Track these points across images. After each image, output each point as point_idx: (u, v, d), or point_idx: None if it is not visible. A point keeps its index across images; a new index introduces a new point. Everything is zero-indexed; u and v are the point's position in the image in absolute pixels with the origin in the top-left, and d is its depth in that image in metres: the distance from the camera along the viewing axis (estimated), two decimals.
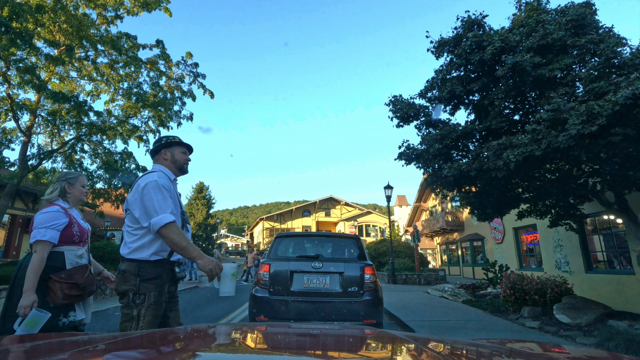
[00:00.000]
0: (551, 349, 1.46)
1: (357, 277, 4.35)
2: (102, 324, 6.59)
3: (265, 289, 4.37)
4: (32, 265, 2.04)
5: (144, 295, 1.91)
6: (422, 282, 15.79)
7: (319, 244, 5.21)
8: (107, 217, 22.93)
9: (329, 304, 4.24)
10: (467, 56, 5.21)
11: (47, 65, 8.63)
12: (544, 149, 4.05)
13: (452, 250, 25.30)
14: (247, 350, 1.14)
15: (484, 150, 4.89)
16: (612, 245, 7.49)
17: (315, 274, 4.39)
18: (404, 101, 6.26)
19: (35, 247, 2.10)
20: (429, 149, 5.64)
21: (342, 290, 4.32)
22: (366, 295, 4.29)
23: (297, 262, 4.51)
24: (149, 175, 2.05)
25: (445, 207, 26.11)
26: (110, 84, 10.57)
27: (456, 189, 6.50)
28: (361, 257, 4.74)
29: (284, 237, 5.10)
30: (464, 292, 8.95)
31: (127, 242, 2.03)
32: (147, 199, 1.94)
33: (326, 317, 4.20)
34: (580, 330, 5.08)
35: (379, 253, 20.62)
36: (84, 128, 8.95)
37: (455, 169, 5.20)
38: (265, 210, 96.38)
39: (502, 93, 4.97)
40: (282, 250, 4.91)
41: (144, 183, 1.99)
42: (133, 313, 1.90)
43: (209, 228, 38.83)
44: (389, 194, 17.13)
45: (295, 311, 4.23)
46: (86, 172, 9.66)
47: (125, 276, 1.94)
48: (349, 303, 4.24)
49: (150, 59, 10.85)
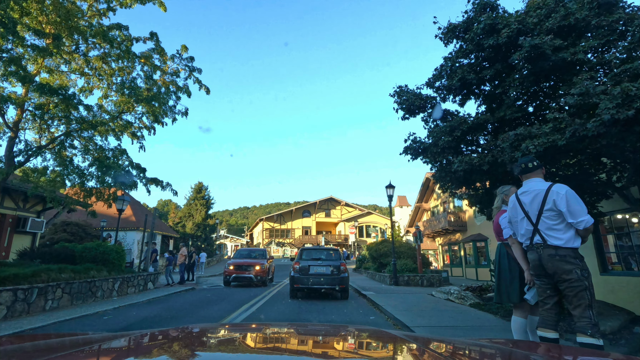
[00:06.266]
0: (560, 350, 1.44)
1: (338, 267, 9.85)
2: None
3: (298, 272, 9.89)
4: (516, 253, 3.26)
5: (587, 270, 2.77)
6: (425, 284, 15.37)
7: (321, 251, 10.89)
8: (103, 217, 22.51)
9: (325, 277, 9.74)
10: (479, 41, 4.81)
11: (35, 57, 8.24)
12: (568, 138, 3.66)
13: (454, 251, 24.89)
14: (248, 350, 1.15)
15: (498, 143, 4.49)
16: (630, 245, 7.09)
17: (320, 266, 9.93)
18: (409, 91, 5.87)
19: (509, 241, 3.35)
20: (437, 142, 5.25)
21: (331, 273, 9.79)
22: (341, 274, 9.80)
23: (311, 261, 10.09)
24: (561, 185, 2.86)
25: (447, 208, 25.70)
26: (103, 79, 10.19)
27: (464, 186, 6.09)
28: (340, 258, 10.32)
29: (305, 249, 10.98)
30: (471, 295, 8.54)
31: (555, 236, 2.80)
32: (573, 203, 2.74)
33: (324, 283, 9.70)
34: (605, 339, 4.68)
35: (380, 254, 20.14)
36: (73, 123, 8.56)
37: (466, 163, 4.80)
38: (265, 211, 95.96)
39: (518, 80, 4.57)
40: (305, 254, 10.56)
41: (563, 191, 2.80)
42: (586, 283, 2.70)
43: (207, 229, 38.44)
44: (390, 193, 16.71)
45: (311, 281, 9.72)
46: (78, 170, 9.26)
47: (567, 259, 2.74)
48: (334, 278, 9.72)
49: (144, 53, 10.47)
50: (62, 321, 6.52)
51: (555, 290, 2.91)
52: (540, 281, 2.96)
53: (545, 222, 2.86)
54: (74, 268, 8.99)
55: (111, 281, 10.14)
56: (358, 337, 1.45)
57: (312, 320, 6.83)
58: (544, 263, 2.85)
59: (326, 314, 7.54)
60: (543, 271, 2.89)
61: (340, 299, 9.94)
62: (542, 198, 2.89)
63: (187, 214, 38.07)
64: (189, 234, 36.00)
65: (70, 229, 19.81)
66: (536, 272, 2.95)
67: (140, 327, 6.20)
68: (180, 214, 39.20)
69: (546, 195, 2.87)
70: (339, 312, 7.83)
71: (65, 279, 8.47)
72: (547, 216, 2.85)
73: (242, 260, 14.32)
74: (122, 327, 6.18)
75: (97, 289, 9.43)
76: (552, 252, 2.81)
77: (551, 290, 2.91)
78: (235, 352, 1.10)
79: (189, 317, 7.24)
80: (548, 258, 2.82)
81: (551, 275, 2.84)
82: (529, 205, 2.96)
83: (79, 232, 19.94)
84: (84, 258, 10.55)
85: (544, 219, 2.87)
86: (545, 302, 2.94)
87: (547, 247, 2.83)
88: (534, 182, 3.02)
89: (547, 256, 2.83)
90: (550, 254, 2.81)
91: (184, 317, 7.17)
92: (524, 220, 3.00)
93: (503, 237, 3.47)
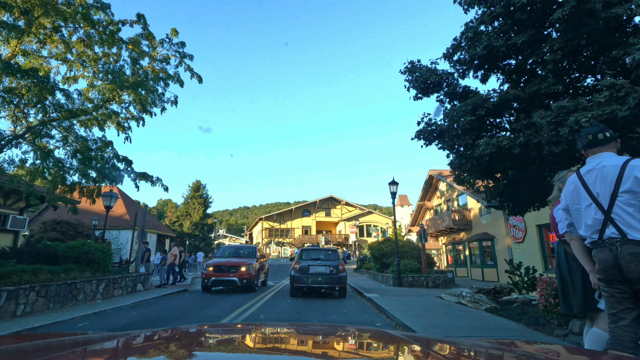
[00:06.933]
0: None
1: (336, 266, 10.22)
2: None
3: (298, 272, 10.20)
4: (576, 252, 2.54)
5: None
6: (430, 285, 14.65)
7: (320, 251, 11.29)
8: (95, 215, 21.71)
9: (324, 277, 10.07)
10: (509, 0, 4.08)
11: (7, 37, 7.51)
12: (633, 108, 2.93)
13: (459, 251, 24.14)
14: (248, 350, 1.15)
15: (534, 120, 3.74)
16: None
17: (319, 266, 10.27)
18: (423, 67, 5.12)
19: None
20: (457, 123, 4.50)
21: (330, 272, 10.15)
22: (340, 274, 10.15)
23: (310, 261, 10.43)
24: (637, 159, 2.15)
25: (452, 206, 24.95)
26: (88, 67, 9.45)
27: (485, 175, 5.35)
28: (338, 258, 10.63)
29: (304, 250, 11.35)
30: (486, 299, 7.80)
31: (638, 227, 2.06)
32: None
33: (323, 282, 10.06)
34: None
35: (383, 253, 19.37)
36: (51, 111, 7.82)
37: (493, 146, 4.06)
38: (265, 211, 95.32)
39: (559, 43, 3.84)
40: (304, 255, 10.86)
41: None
42: None
43: (205, 228, 37.72)
44: (394, 190, 15.98)
45: (310, 280, 10.02)
46: (58, 162, 8.52)
47: None
48: (332, 277, 10.07)
49: (132, 38, 9.72)
50: (29, 329, 5.78)
51: (635, 300, 2.17)
52: (613, 289, 2.21)
53: (622, 208, 2.12)
54: (52, 269, 8.25)
55: (95, 283, 9.41)
56: (357, 337, 1.42)
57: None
58: (622, 264, 2.11)
59: (328, 321, 6.83)
60: (619, 275, 2.14)
61: (338, 297, 10.28)
62: (616, 176, 2.16)
63: (184, 213, 37.35)
64: (186, 233, 35.28)
65: (60, 228, 19.04)
66: (608, 276, 2.20)
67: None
68: (177, 213, 38.49)
69: (622, 172, 2.14)
70: (342, 316, 7.11)
71: (42, 280, 7.74)
72: (624, 200, 2.11)
73: (224, 260, 12.05)
74: None
75: (78, 291, 8.69)
76: (634, 250, 2.07)
77: (630, 300, 2.17)
78: (235, 352, 1.10)
79: (174, 323, 6.52)
80: (629, 258, 2.07)
81: (632, 280, 2.10)
82: (598, 186, 2.23)
83: (69, 230, 19.14)
84: (67, 258, 9.81)
85: (619, 204, 2.13)
86: (621, 317, 2.19)
87: (627, 243, 2.09)
88: (605, 157, 2.28)
89: (628, 255, 2.08)
90: (631, 252, 2.07)
91: (167, 325, 6.44)
92: (591, 207, 2.25)
93: (560, 233, 2.73)
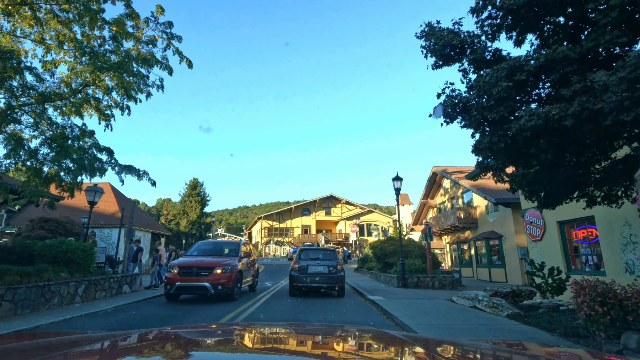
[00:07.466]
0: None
1: (335, 266, 10.41)
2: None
3: (297, 271, 10.33)
4: None
5: None
6: (437, 286, 13.82)
7: (319, 251, 11.38)
8: (84, 211, 20.88)
9: (323, 276, 10.28)
10: None
11: None
12: None
13: (464, 250, 23.29)
14: (247, 350, 1.14)
15: (598, 77, 2.91)
16: None
17: (317, 265, 10.44)
18: (443, 29, 4.28)
19: None
20: (490, 92, 3.66)
21: (328, 272, 10.35)
22: (338, 273, 10.36)
23: (309, 260, 10.55)
24: None
25: (456, 204, 24.11)
26: (67, 49, 8.59)
27: (518, 158, 4.52)
28: (336, 258, 10.75)
29: (304, 250, 11.37)
30: (505, 303, 6.96)
31: None
32: None
33: (322, 282, 10.25)
34: None
35: (385, 253, 18.51)
36: (17, 92, 6.98)
37: (539, 116, 3.22)
38: (265, 210, 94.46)
39: None
40: (303, 255, 10.90)
41: None
42: None
43: (203, 227, 36.87)
44: (397, 185, 15.13)
45: (309, 280, 10.18)
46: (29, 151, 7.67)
47: None
48: (331, 277, 10.30)
49: (116, 19, 8.87)
50: None
51: None
52: None
53: None
54: (21, 270, 7.41)
55: (73, 285, 8.57)
56: (357, 337, 1.41)
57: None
58: None
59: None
60: None
61: (337, 296, 10.51)
62: None
63: (181, 211, 36.49)
64: (183, 232, 34.42)
65: (48, 226, 18.21)
66: None
67: None
68: (174, 211, 37.62)
69: None
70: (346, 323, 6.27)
71: (8, 283, 6.92)
72: None
73: (194, 260, 9.32)
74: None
75: (52, 294, 7.86)
76: None
77: None
78: (235, 352, 1.09)
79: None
80: None
81: None
82: None
83: (58, 229, 18.30)
84: (44, 257, 8.98)
85: None
86: None
87: None
88: None
89: None
90: None
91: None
92: None
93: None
